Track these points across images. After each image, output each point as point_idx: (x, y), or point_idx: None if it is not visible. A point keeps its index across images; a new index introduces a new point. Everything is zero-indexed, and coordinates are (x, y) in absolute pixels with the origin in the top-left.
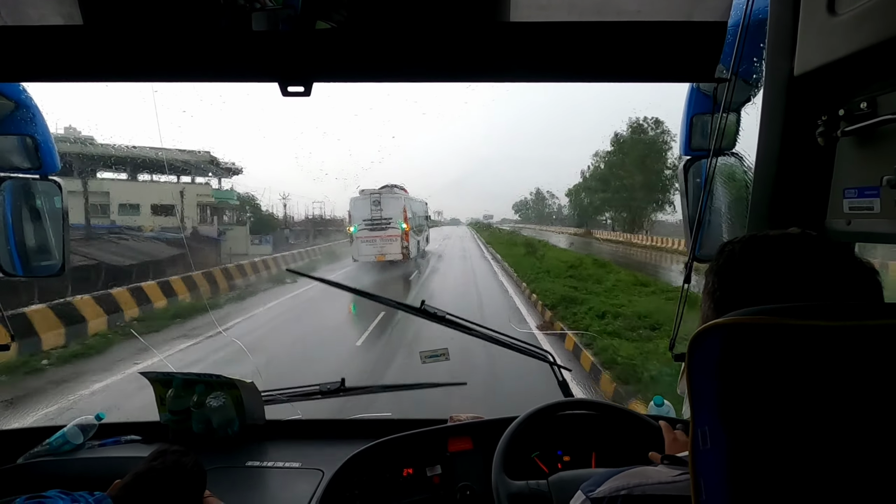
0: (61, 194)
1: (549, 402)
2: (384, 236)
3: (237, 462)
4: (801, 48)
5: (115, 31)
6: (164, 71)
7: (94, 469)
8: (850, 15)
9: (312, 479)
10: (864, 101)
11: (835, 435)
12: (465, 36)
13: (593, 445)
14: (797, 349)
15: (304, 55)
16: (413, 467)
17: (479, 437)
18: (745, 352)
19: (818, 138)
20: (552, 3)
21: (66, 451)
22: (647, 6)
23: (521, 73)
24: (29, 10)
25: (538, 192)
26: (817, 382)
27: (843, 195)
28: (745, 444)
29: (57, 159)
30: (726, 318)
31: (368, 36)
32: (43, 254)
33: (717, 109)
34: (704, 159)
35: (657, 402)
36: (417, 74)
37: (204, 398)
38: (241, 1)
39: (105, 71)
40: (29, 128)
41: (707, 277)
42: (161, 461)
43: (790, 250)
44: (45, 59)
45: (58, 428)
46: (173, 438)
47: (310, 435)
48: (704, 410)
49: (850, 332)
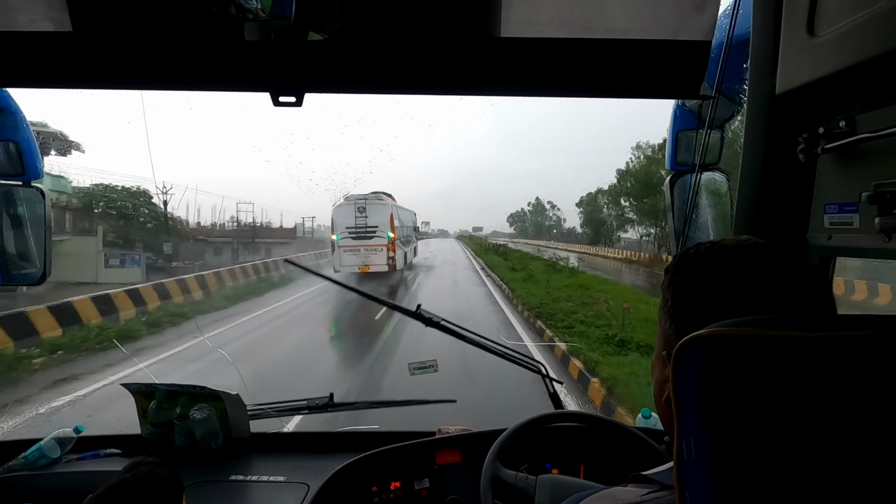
0: (44, 201)
1: (539, 413)
2: (369, 245)
3: (221, 476)
4: (783, 68)
5: (106, 37)
6: (154, 79)
7: (70, 483)
8: (829, 37)
9: (298, 493)
10: (843, 120)
11: (817, 443)
12: (456, 50)
13: (581, 458)
14: (778, 359)
15: (296, 66)
16: (401, 481)
17: (467, 450)
18: (727, 362)
19: (799, 155)
20: (542, 19)
21: (43, 464)
22: (635, 25)
23: (510, 88)
24: (17, 16)
25: (538, 203)
26: (798, 392)
27: (824, 210)
28: (729, 454)
29: (41, 166)
30: (708, 329)
31: (360, 48)
32: (24, 262)
33: (702, 126)
34: (690, 174)
35: (645, 415)
36: (408, 87)
37: (187, 410)
38: (233, 11)
39: (94, 78)
40: (12, 134)
41: (664, 294)
42: (134, 472)
43: (745, 260)
44: (33, 65)
45: (34, 441)
46: (155, 452)
47: (296, 448)
48: (688, 421)
49: (829, 343)
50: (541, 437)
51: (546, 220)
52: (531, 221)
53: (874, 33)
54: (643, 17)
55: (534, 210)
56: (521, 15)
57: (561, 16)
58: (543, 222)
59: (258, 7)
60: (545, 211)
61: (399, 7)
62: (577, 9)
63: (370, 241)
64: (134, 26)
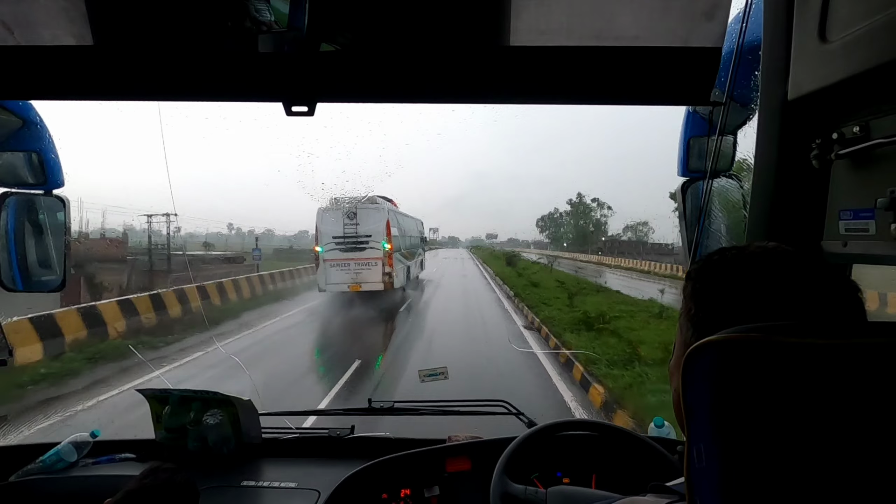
0: (65, 209)
1: (550, 421)
2: (360, 259)
3: (233, 482)
4: (794, 74)
5: (125, 51)
6: (171, 91)
7: (87, 488)
8: (841, 42)
9: (309, 499)
10: (856, 126)
11: (828, 452)
12: (467, 59)
13: (593, 467)
14: (789, 366)
15: (308, 76)
16: (411, 488)
17: (477, 458)
18: (738, 368)
19: (813, 161)
20: (551, 27)
21: (60, 468)
22: (645, 32)
23: (521, 96)
24: (42, 31)
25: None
26: (810, 399)
27: (839, 217)
28: (737, 461)
29: (62, 175)
30: (719, 335)
31: (371, 58)
32: (44, 269)
33: (714, 132)
34: (701, 181)
35: (657, 424)
36: (419, 96)
37: (200, 416)
38: (247, 23)
39: (113, 90)
40: (35, 144)
41: (686, 301)
42: (152, 479)
43: (773, 267)
44: (56, 78)
45: (52, 445)
46: (168, 456)
47: (306, 453)
48: (699, 427)
49: (842, 350)
50: (551, 446)
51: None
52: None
53: (887, 38)
54: (653, 24)
55: (575, 211)
56: (531, 24)
57: (570, 24)
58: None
59: (272, 20)
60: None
61: (409, 17)
62: (586, 17)
63: (362, 254)
64: (152, 40)
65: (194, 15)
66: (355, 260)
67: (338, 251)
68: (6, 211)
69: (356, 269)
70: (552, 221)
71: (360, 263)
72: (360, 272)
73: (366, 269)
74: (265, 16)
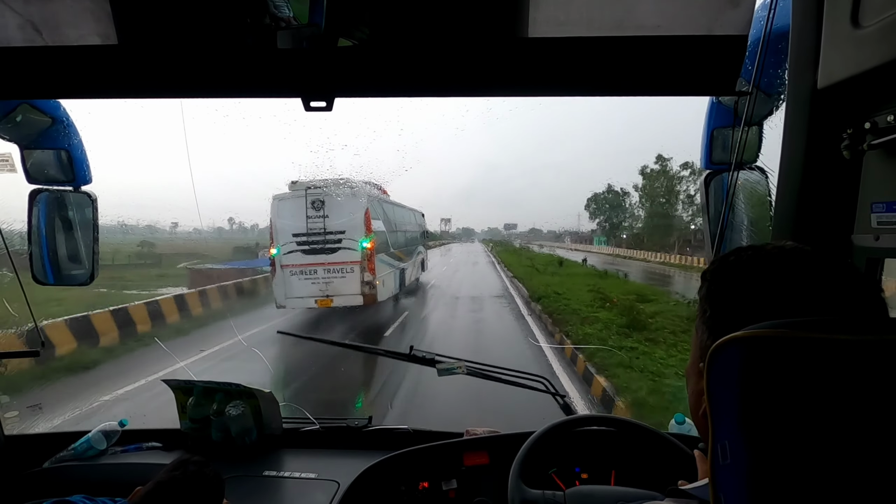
0: (93, 205)
1: (569, 416)
2: (331, 263)
3: (255, 471)
4: (825, 61)
5: (148, 50)
6: (193, 88)
7: (116, 475)
8: (875, 28)
9: (328, 490)
10: (890, 115)
11: (857, 449)
12: (485, 52)
13: (612, 463)
14: (820, 363)
15: (327, 71)
16: (429, 481)
17: (495, 452)
18: (764, 365)
19: (843, 151)
20: (570, 18)
21: (91, 455)
22: (667, 21)
23: (540, 88)
24: (68, 31)
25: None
26: (838, 396)
27: (871, 210)
28: (766, 459)
29: (90, 172)
30: (745, 331)
31: (389, 52)
32: (74, 263)
33: (739, 123)
34: (726, 173)
35: (678, 420)
36: (437, 89)
37: (223, 407)
38: (266, 20)
39: (137, 88)
40: (64, 142)
41: (701, 303)
42: (183, 471)
43: (789, 269)
44: (83, 77)
45: (83, 433)
46: (192, 446)
47: (326, 444)
48: (724, 424)
49: (874, 347)
50: (570, 441)
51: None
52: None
53: None
54: (675, 12)
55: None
56: (550, 15)
57: (590, 15)
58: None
59: (291, 16)
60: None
61: (427, 11)
62: (606, 7)
63: (332, 257)
64: (175, 39)
65: (215, 13)
66: (324, 265)
67: (300, 253)
68: (37, 207)
69: (325, 278)
70: (607, 203)
71: (330, 270)
72: (330, 281)
73: (338, 278)
74: (284, 12)
